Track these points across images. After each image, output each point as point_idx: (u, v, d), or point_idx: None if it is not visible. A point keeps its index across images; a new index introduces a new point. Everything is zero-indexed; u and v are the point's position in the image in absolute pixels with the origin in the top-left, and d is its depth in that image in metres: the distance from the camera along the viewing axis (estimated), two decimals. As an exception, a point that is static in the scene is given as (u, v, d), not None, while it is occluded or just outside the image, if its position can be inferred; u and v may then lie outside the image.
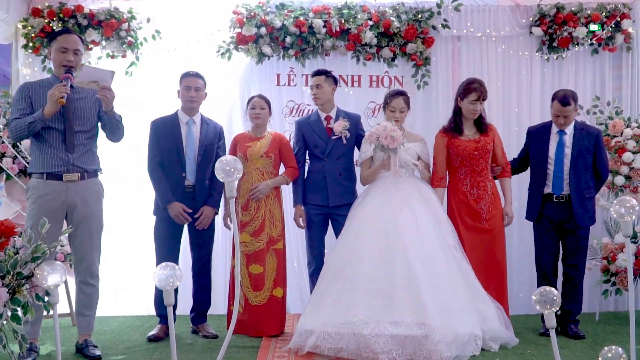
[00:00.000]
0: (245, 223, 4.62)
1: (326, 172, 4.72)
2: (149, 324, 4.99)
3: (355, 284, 4.06)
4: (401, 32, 5.55)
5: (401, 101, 4.60)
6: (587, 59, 5.77)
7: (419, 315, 3.89)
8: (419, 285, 3.99)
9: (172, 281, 2.68)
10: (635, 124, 5.06)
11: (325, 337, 3.91)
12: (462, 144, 4.55)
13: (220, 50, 5.57)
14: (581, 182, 4.52)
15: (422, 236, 4.23)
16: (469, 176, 4.59)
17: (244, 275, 4.59)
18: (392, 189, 4.43)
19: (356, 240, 4.28)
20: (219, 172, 2.98)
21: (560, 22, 5.61)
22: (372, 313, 3.92)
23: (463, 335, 3.90)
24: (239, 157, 4.60)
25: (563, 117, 4.53)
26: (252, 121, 4.73)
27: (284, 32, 5.51)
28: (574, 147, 4.54)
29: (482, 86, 4.55)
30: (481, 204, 4.56)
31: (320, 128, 4.77)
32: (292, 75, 5.71)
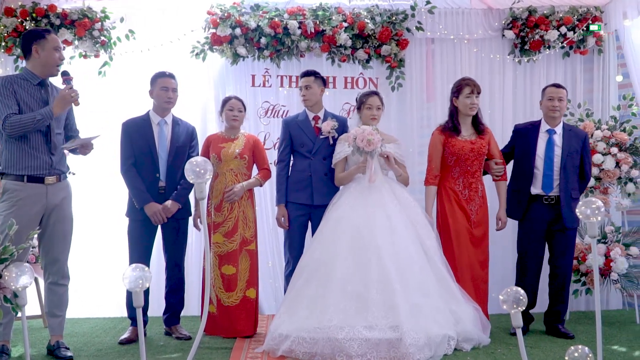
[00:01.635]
0: (219, 224, 4.62)
1: (312, 170, 4.73)
2: (121, 326, 4.96)
3: (329, 288, 4.07)
4: (376, 34, 5.59)
5: (377, 99, 4.64)
6: (558, 61, 5.85)
7: (392, 319, 3.91)
8: (393, 289, 4.01)
9: (142, 283, 2.66)
10: (606, 126, 5.13)
11: (300, 342, 3.91)
12: (459, 144, 4.57)
13: (195, 50, 5.56)
14: (569, 182, 4.56)
15: (396, 238, 4.25)
16: (462, 176, 4.62)
17: (216, 276, 4.59)
18: (367, 191, 4.44)
19: (330, 243, 4.29)
20: (188, 174, 2.97)
21: (532, 25, 5.69)
22: (346, 317, 3.93)
23: (436, 337, 3.93)
24: (212, 158, 4.63)
25: (557, 100, 4.58)
26: (228, 122, 4.72)
27: (258, 33, 5.51)
28: (565, 147, 4.57)
29: (474, 81, 4.61)
30: (471, 205, 4.60)
31: (308, 127, 4.78)
32: (267, 76, 5.71)
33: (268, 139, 5.67)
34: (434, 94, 5.83)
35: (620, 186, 5.10)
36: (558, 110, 4.60)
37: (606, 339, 4.48)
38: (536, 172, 4.61)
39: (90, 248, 5.42)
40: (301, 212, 4.76)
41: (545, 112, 4.68)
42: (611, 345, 4.31)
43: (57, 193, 4.01)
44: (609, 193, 5.11)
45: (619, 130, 5.11)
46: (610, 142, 5.06)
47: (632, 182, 5.06)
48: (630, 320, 5.12)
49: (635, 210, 5.42)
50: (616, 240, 5.04)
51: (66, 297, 4.13)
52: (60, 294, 4.08)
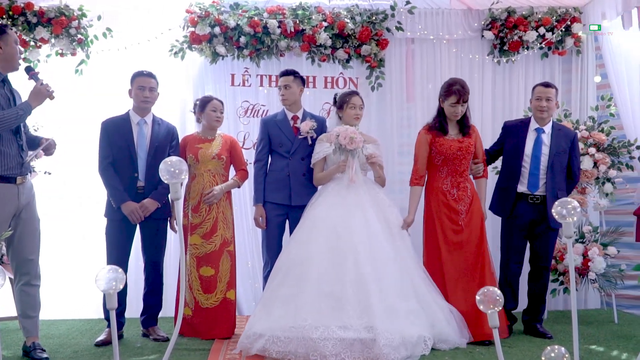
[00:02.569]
0: (196, 225, 4.58)
1: (290, 170, 4.70)
2: (98, 328, 4.90)
3: (305, 287, 4.06)
4: (356, 34, 5.58)
5: (359, 99, 4.64)
6: (537, 62, 5.89)
7: (367, 319, 3.91)
8: (368, 289, 4.01)
9: (115, 284, 2.63)
10: (584, 127, 5.17)
11: (274, 341, 3.88)
12: (447, 143, 4.52)
13: (173, 49, 5.51)
14: (555, 182, 4.54)
15: (373, 239, 4.24)
16: (450, 176, 4.56)
17: (194, 278, 4.56)
18: (345, 191, 4.44)
19: (307, 242, 4.27)
20: (163, 174, 2.94)
21: (511, 26, 5.72)
22: (321, 317, 3.92)
23: (411, 337, 3.93)
24: (189, 159, 4.60)
25: (545, 100, 4.56)
26: (210, 123, 4.68)
27: (238, 32, 5.48)
28: (553, 146, 4.55)
29: (463, 88, 4.49)
30: (460, 204, 4.53)
31: (287, 127, 4.76)
32: (246, 76, 5.69)
33: (248, 138, 5.64)
34: (413, 94, 5.84)
35: (598, 186, 5.13)
36: (546, 110, 4.58)
37: (584, 339, 4.50)
38: (523, 171, 4.59)
39: (68, 248, 5.36)
40: (279, 212, 4.73)
41: (534, 111, 4.67)
42: (589, 345, 4.33)
43: (27, 193, 3.95)
44: (587, 193, 5.14)
45: (597, 131, 5.14)
46: (589, 143, 5.10)
47: (609, 182, 5.09)
48: (608, 320, 5.16)
49: (613, 211, 5.46)
50: (594, 240, 5.07)
51: (39, 297, 4.07)
52: (33, 295, 4.02)
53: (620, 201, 5.46)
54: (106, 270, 2.68)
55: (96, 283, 2.67)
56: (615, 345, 4.32)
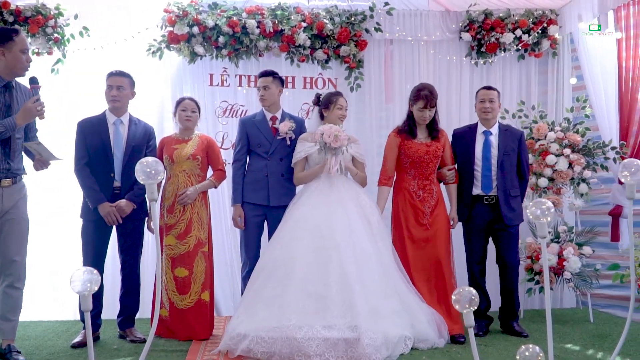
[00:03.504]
0: (171, 226, 4.56)
1: (269, 171, 4.70)
2: (74, 329, 4.86)
3: (289, 287, 4.05)
4: (334, 35, 5.59)
5: (345, 100, 4.70)
6: (513, 64, 5.95)
7: (351, 319, 3.92)
8: (352, 288, 4.02)
9: (90, 286, 2.60)
10: (559, 128, 5.22)
11: (258, 341, 3.87)
12: (415, 147, 4.62)
13: (151, 49, 5.48)
14: (507, 181, 4.64)
15: (355, 238, 4.26)
16: (417, 178, 4.67)
17: (169, 278, 4.54)
18: (327, 191, 4.44)
19: (290, 242, 4.27)
20: (139, 174, 2.91)
21: (488, 27, 5.76)
22: (305, 316, 3.92)
23: (393, 337, 3.96)
24: (165, 160, 4.59)
25: (489, 102, 4.67)
26: (181, 123, 4.67)
27: (216, 31, 5.46)
28: (500, 147, 4.66)
29: (431, 93, 4.57)
30: (425, 206, 4.64)
31: (266, 127, 4.75)
32: (225, 76, 5.67)
33: (226, 138, 5.63)
34: (392, 95, 5.87)
35: (574, 187, 5.19)
36: (490, 111, 4.69)
37: (560, 338, 4.56)
38: (476, 174, 4.71)
39: (44, 249, 5.30)
40: (257, 212, 4.72)
41: (479, 114, 4.78)
42: (564, 344, 4.38)
43: (13, 195, 3.91)
44: (562, 193, 5.20)
45: (572, 132, 5.20)
46: (564, 144, 5.15)
47: (584, 182, 5.15)
48: (584, 319, 5.21)
49: (588, 211, 5.53)
50: (569, 240, 5.13)
51: (21, 301, 4.01)
52: (15, 297, 3.96)
53: (595, 201, 5.53)
54: (81, 272, 2.65)
55: (71, 285, 2.64)
56: (591, 344, 4.37)
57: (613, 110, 5.26)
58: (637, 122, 5.00)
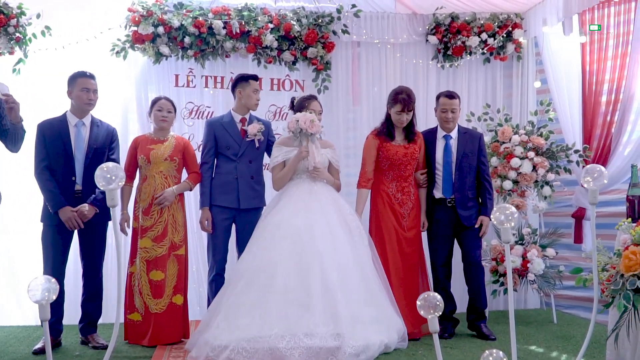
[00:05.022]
0: (147, 228, 4.50)
1: (238, 173, 4.66)
2: (36, 335, 4.77)
3: (270, 295, 3.99)
4: (302, 36, 5.56)
5: (319, 104, 4.68)
6: (479, 67, 6.00)
7: (333, 326, 3.90)
8: (335, 296, 4.00)
9: (48, 295, 2.54)
10: (523, 131, 5.28)
11: (239, 351, 3.80)
12: (393, 149, 4.65)
13: (115, 48, 5.38)
14: (465, 184, 4.70)
15: (336, 245, 4.24)
16: (395, 180, 4.70)
17: (144, 282, 4.48)
18: (307, 196, 4.42)
19: (270, 248, 4.20)
20: (99, 180, 2.84)
21: (454, 31, 5.80)
22: (288, 325, 3.87)
23: (373, 345, 3.96)
24: (140, 160, 4.53)
25: (450, 112, 4.70)
26: (157, 124, 4.61)
27: (182, 32, 5.39)
28: (459, 150, 4.72)
29: (409, 97, 4.61)
30: (404, 208, 4.69)
31: (235, 130, 4.70)
32: (191, 76, 5.59)
33: (192, 140, 5.54)
34: (359, 97, 5.87)
35: (537, 189, 5.25)
36: (451, 121, 4.74)
37: (524, 339, 4.61)
38: (437, 177, 4.76)
39: (4, 253, 5.17)
40: (226, 215, 4.68)
41: (440, 122, 4.82)
42: (529, 346, 4.43)
43: None
44: (526, 196, 5.26)
45: (536, 135, 5.26)
46: (528, 147, 5.20)
47: (548, 185, 5.21)
48: (547, 320, 5.28)
49: (552, 213, 5.61)
50: (533, 242, 5.18)
51: None
52: None
53: (559, 204, 5.60)
54: (39, 281, 2.59)
55: (29, 294, 2.57)
56: (555, 346, 4.42)
57: (576, 114, 5.33)
58: (600, 125, 5.06)
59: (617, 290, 2.78)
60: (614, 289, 2.80)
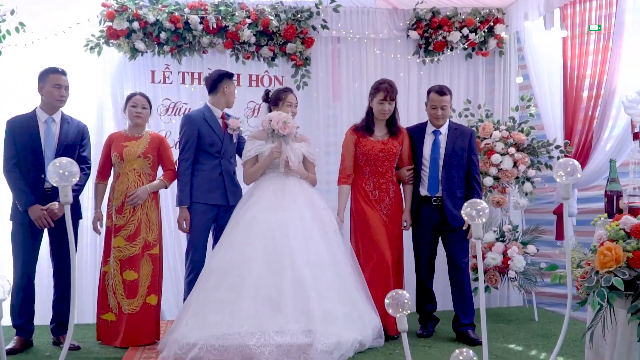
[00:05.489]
0: (120, 227, 4.41)
1: (223, 170, 4.56)
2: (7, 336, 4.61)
3: (241, 292, 3.93)
4: (280, 32, 5.48)
5: (294, 97, 4.61)
6: (461, 63, 5.92)
7: (305, 324, 3.84)
8: (307, 292, 3.94)
9: (1, 293, 2.45)
10: (504, 127, 5.21)
11: (208, 349, 3.73)
12: (369, 144, 4.55)
13: (89, 44, 5.28)
14: (453, 182, 4.54)
15: (310, 242, 4.17)
16: (372, 177, 4.59)
17: (117, 282, 4.39)
18: (280, 192, 4.34)
19: (243, 245, 4.13)
20: (52, 176, 2.74)
21: (435, 26, 5.73)
22: (258, 322, 3.81)
23: (346, 342, 3.90)
24: (114, 157, 4.45)
25: (440, 109, 4.57)
26: (131, 120, 4.51)
27: (158, 27, 5.30)
28: (448, 146, 4.57)
29: (392, 86, 4.53)
30: (381, 205, 4.58)
31: (217, 126, 4.59)
32: (167, 73, 5.50)
33: (169, 137, 5.42)
34: (340, 93, 5.79)
35: (518, 186, 5.18)
36: (441, 117, 4.61)
37: (504, 337, 4.56)
38: (423, 174, 4.62)
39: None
40: (210, 214, 4.56)
41: (430, 118, 4.69)
42: (508, 344, 4.37)
43: None
44: (507, 193, 5.19)
45: (517, 131, 5.19)
46: (509, 143, 5.14)
47: (529, 181, 5.15)
48: (529, 318, 5.22)
49: (534, 209, 5.55)
50: (514, 239, 5.12)
51: None
52: None
53: (540, 200, 5.54)
54: (-10, 279, 2.50)
55: (-22, 293, 2.49)
56: (534, 344, 4.36)
57: (558, 109, 5.26)
58: (582, 120, 4.99)
59: (591, 288, 2.71)
60: (588, 286, 2.73)
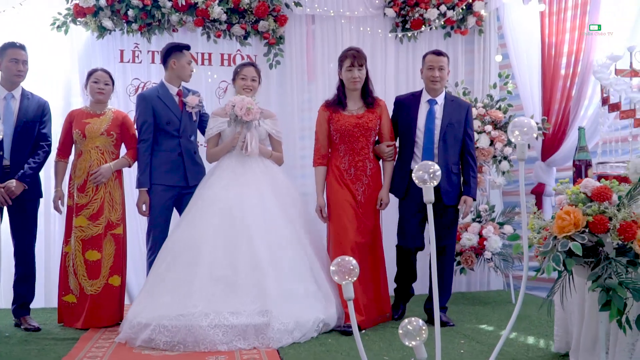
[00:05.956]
0: (82, 206, 4.30)
1: (183, 150, 4.42)
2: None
3: (195, 272, 3.82)
4: (252, 9, 5.35)
5: (252, 70, 4.39)
6: (440, 41, 5.79)
7: (261, 303, 3.74)
8: (264, 272, 3.83)
9: None
10: (481, 104, 5.08)
11: (160, 330, 3.62)
12: (342, 119, 4.24)
13: (56, 22, 5.15)
14: (449, 156, 4.20)
15: (269, 221, 4.05)
16: (348, 154, 4.27)
17: (79, 262, 4.28)
18: (240, 170, 4.21)
19: (198, 223, 4.02)
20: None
21: (412, 3, 5.59)
22: (213, 303, 3.70)
23: (307, 321, 3.80)
24: (75, 134, 4.34)
25: (438, 69, 4.22)
26: (92, 96, 4.40)
27: (125, 4, 5.17)
28: (445, 118, 4.22)
29: (358, 52, 4.23)
30: (357, 185, 4.26)
31: (173, 103, 4.45)
32: (137, 52, 5.38)
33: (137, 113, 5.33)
34: (314, 72, 5.66)
35: (496, 165, 5.05)
36: (438, 80, 4.24)
37: (477, 319, 4.45)
38: (416, 147, 4.25)
39: None
40: (170, 194, 4.44)
41: (426, 82, 4.31)
42: (480, 325, 4.25)
43: None
44: (484, 172, 5.06)
45: (495, 109, 5.06)
46: (485, 120, 5.01)
47: (506, 160, 5.02)
48: (506, 301, 5.10)
49: (511, 191, 5.43)
50: (491, 219, 4.99)
51: None
52: None
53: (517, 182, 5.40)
54: None
55: None
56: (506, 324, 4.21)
57: (536, 87, 5.14)
58: (559, 100, 4.87)
59: (546, 252, 2.58)
60: (544, 251, 2.60)
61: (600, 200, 2.61)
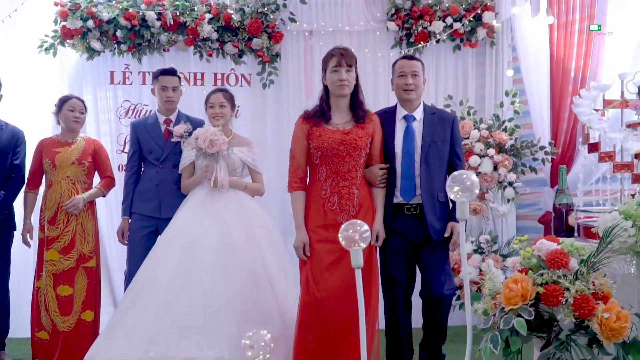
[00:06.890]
0: (53, 239, 4.16)
1: (159, 179, 4.24)
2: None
3: (152, 313, 3.60)
4: (245, 26, 5.11)
5: (219, 96, 4.11)
6: (448, 55, 5.42)
7: (219, 348, 3.49)
8: (223, 315, 3.57)
9: None
10: (484, 126, 4.69)
11: None
12: (325, 135, 3.41)
13: (44, 45, 5.05)
14: (433, 182, 3.46)
15: (233, 258, 3.76)
16: (331, 178, 3.42)
17: (51, 298, 4.13)
18: (208, 201, 3.95)
19: (161, 260, 3.79)
20: None
21: (416, 16, 5.24)
22: (167, 348, 3.47)
23: None
24: (45, 164, 4.20)
25: (411, 76, 3.51)
26: (67, 125, 4.27)
27: (114, 25, 5.01)
28: (425, 136, 3.49)
29: (347, 51, 3.43)
30: (342, 216, 3.38)
31: (157, 131, 4.29)
32: (127, 73, 5.22)
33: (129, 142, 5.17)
34: (312, 92, 5.32)
35: (500, 191, 4.66)
36: (412, 89, 3.51)
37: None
38: (396, 175, 3.50)
39: None
40: (146, 224, 4.25)
41: (398, 93, 3.58)
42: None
43: None
44: (487, 199, 4.68)
45: (500, 130, 4.67)
46: (490, 143, 4.63)
47: (511, 186, 4.62)
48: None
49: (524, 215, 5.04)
50: (493, 250, 4.61)
51: None
52: None
53: (534, 206, 5.01)
54: None
55: None
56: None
57: (545, 105, 4.72)
58: (567, 118, 4.45)
59: (486, 330, 2.25)
60: (484, 328, 2.26)
61: (555, 267, 2.25)
